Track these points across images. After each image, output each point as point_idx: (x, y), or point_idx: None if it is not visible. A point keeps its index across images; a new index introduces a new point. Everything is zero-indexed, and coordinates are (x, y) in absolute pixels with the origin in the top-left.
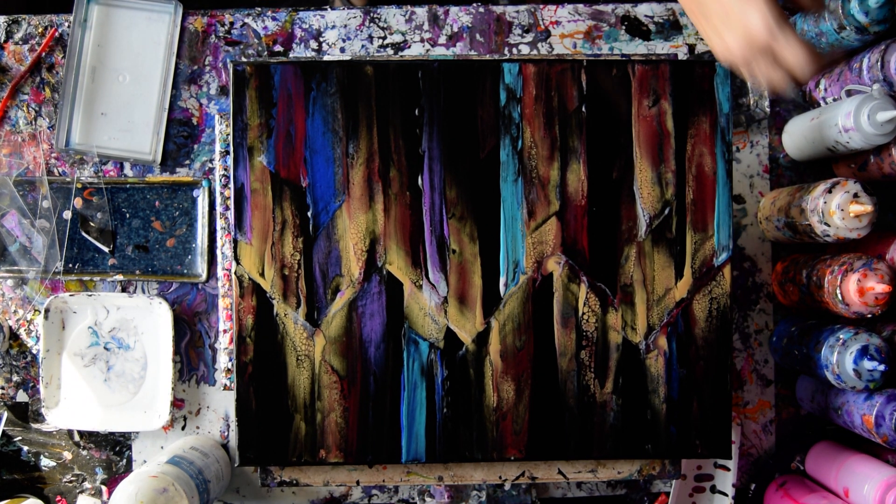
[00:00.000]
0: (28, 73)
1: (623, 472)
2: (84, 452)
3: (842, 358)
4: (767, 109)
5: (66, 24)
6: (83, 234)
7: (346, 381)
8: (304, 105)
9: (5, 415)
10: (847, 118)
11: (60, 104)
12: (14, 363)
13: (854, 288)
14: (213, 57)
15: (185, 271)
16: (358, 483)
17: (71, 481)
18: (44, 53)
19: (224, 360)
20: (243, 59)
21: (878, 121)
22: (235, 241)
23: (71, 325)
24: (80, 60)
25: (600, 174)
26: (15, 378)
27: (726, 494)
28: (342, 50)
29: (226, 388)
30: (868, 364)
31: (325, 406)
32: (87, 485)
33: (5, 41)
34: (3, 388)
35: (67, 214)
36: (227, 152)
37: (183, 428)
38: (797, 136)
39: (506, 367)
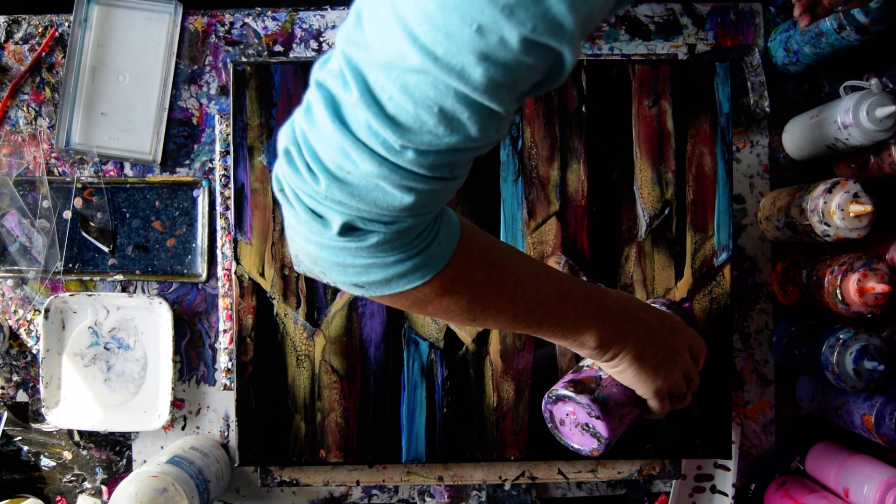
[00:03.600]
0: (28, 73)
1: (623, 472)
2: (84, 452)
3: (842, 358)
4: (767, 109)
5: (66, 24)
6: (83, 234)
7: (346, 381)
8: None
9: (5, 415)
10: (846, 115)
11: (60, 104)
12: (14, 363)
13: (854, 288)
14: (213, 57)
15: (185, 271)
16: (358, 483)
17: (71, 481)
18: (44, 53)
19: (224, 360)
20: (243, 59)
21: (878, 116)
22: (235, 241)
23: (71, 325)
24: (80, 60)
25: (600, 174)
26: (15, 378)
27: (726, 494)
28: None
29: (226, 388)
30: (868, 364)
31: (325, 406)
32: (87, 485)
33: (5, 41)
34: (3, 388)
35: (67, 214)
36: (227, 152)
37: (183, 428)
38: (797, 135)
39: (506, 367)
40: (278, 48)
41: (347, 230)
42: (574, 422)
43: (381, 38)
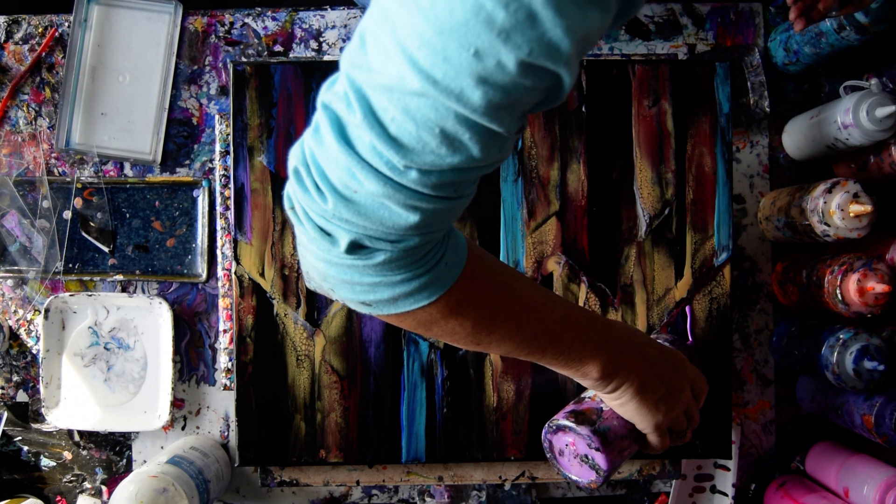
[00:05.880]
0: (28, 73)
1: (623, 472)
2: (84, 452)
3: (842, 358)
4: (767, 109)
5: (66, 24)
6: (83, 234)
7: (346, 381)
8: (304, 105)
9: (5, 415)
10: (846, 115)
11: (60, 104)
12: (14, 363)
13: (854, 288)
14: (213, 57)
15: (185, 271)
16: (358, 483)
17: (71, 481)
18: (44, 53)
19: (224, 360)
20: (243, 59)
21: (878, 116)
22: (235, 241)
23: (71, 325)
24: (80, 60)
25: (600, 174)
26: (15, 378)
27: (726, 494)
28: (342, 50)
29: (226, 388)
30: (868, 364)
31: (325, 406)
32: (87, 485)
33: (5, 41)
34: (3, 388)
35: (67, 214)
36: (227, 152)
37: (183, 428)
38: (797, 135)
39: (506, 367)
40: (278, 48)
41: (354, 248)
42: (573, 453)
43: (383, 61)
